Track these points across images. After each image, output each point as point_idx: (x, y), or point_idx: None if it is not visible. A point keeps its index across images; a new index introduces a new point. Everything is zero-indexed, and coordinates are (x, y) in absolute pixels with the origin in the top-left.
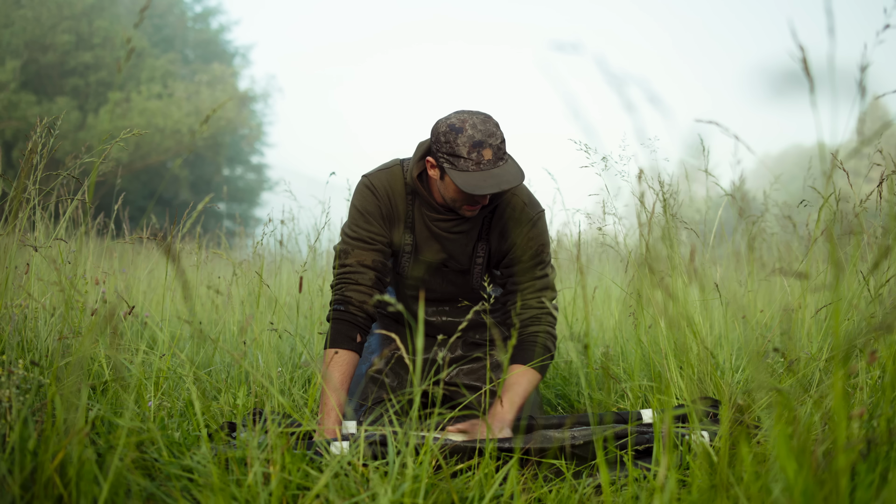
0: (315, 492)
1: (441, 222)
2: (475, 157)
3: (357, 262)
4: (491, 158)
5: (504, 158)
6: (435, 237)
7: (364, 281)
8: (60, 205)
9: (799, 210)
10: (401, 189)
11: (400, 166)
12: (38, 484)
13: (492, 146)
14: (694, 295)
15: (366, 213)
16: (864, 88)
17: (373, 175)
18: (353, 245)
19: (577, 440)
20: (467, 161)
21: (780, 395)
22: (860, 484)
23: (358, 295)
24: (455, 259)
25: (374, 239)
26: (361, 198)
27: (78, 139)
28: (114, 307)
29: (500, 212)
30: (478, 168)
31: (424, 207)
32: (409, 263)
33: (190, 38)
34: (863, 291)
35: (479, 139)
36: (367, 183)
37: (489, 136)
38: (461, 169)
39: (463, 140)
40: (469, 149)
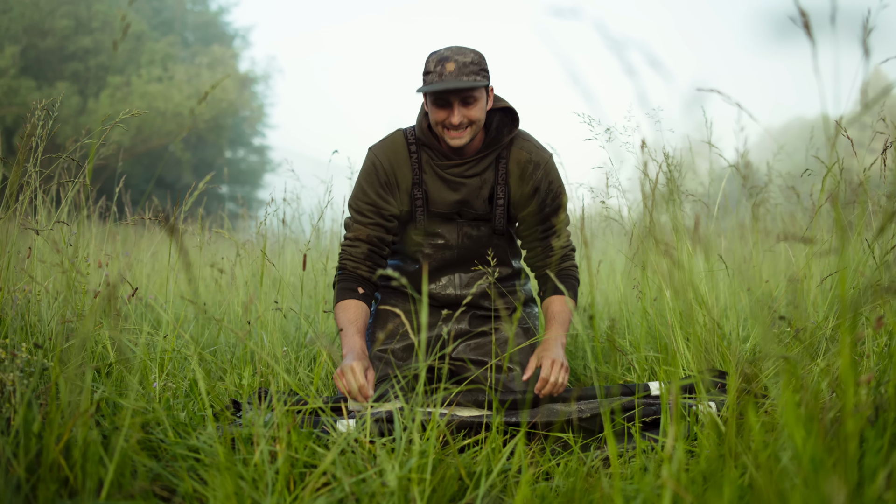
0: (322, 469)
1: (453, 167)
2: (439, 69)
3: (354, 236)
4: (453, 71)
5: (470, 76)
6: (447, 184)
7: (357, 255)
8: (62, 189)
9: (803, 180)
10: (403, 150)
11: (402, 131)
12: (43, 466)
13: (456, 62)
14: (699, 265)
15: (367, 188)
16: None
17: (375, 147)
18: (353, 218)
19: (585, 413)
20: (432, 74)
21: (788, 362)
22: (869, 450)
23: (351, 263)
24: (471, 205)
25: (372, 213)
26: (365, 172)
27: (79, 124)
28: (114, 287)
29: (514, 155)
30: (440, 79)
31: (434, 157)
32: (423, 217)
33: (189, 21)
34: (868, 259)
35: (445, 55)
36: (370, 156)
37: (457, 54)
38: (427, 83)
39: (433, 58)
40: (435, 63)
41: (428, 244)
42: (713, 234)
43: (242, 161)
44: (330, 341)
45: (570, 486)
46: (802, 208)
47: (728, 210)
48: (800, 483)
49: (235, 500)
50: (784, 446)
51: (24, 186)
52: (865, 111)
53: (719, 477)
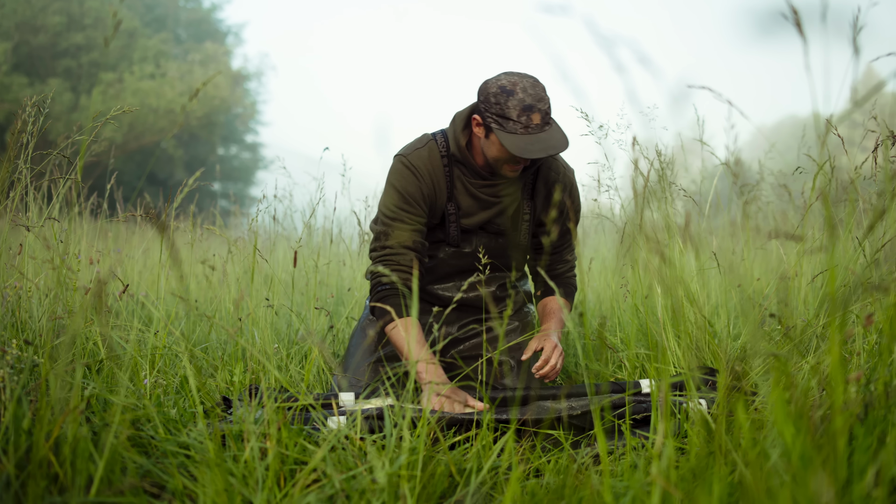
0: (312, 466)
1: (486, 188)
2: (524, 120)
3: (398, 243)
4: (539, 123)
5: (550, 123)
6: (478, 202)
7: (405, 262)
8: (53, 185)
9: (795, 178)
10: (439, 163)
11: (434, 141)
12: (32, 463)
13: (540, 111)
14: (690, 263)
15: (405, 194)
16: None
17: (411, 155)
18: (392, 226)
19: (575, 410)
20: (516, 124)
21: (777, 360)
22: (858, 447)
23: (402, 275)
24: (496, 221)
25: (412, 219)
26: (402, 178)
27: (71, 120)
28: (104, 283)
29: (543, 174)
30: (526, 131)
31: (468, 175)
32: (457, 233)
33: (182, 18)
34: (859, 257)
35: (529, 103)
36: (407, 163)
37: (538, 100)
38: (509, 131)
39: (513, 103)
40: (519, 112)
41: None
42: (704, 232)
43: (235, 158)
44: (321, 339)
45: (560, 483)
46: (794, 206)
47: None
48: (789, 480)
49: (225, 497)
50: (773, 443)
51: (15, 183)
52: (855, 109)
53: (709, 474)
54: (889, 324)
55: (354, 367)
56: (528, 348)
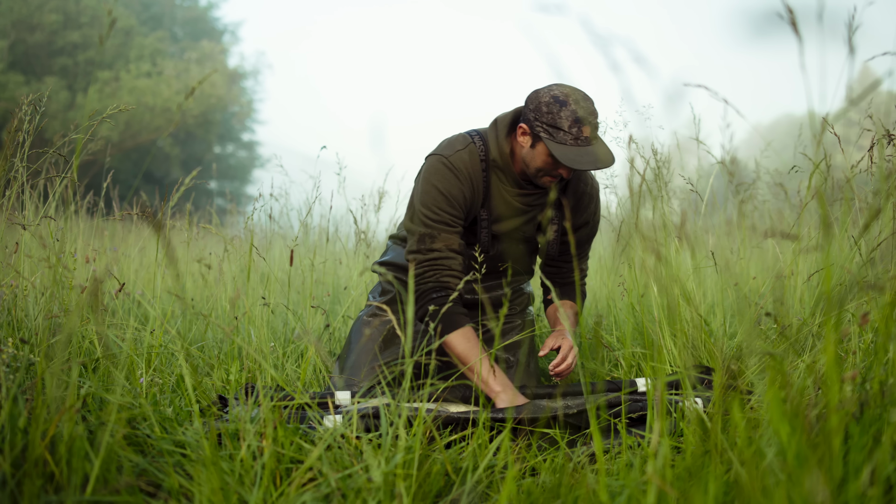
0: (308, 465)
1: (522, 197)
2: (575, 132)
3: (445, 246)
4: (589, 136)
5: (598, 137)
6: (513, 210)
7: (456, 266)
8: (49, 184)
9: (790, 178)
10: (478, 167)
11: (473, 143)
12: (28, 461)
13: (591, 124)
14: (686, 262)
15: (449, 196)
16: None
17: (454, 157)
18: (437, 228)
19: (571, 409)
20: (567, 134)
21: (773, 359)
22: (853, 447)
23: (454, 280)
24: (522, 229)
25: (455, 221)
26: (444, 180)
27: (67, 119)
28: (100, 282)
29: (573, 184)
30: (576, 143)
31: (506, 182)
32: (488, 239)
33: (178, 16)
34: (854, 256)
35: (582, 115)
36: (448, 165)
37: (590, 114)
38: (559, 141)
39: (566, 114)
40: (571, 123)
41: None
42: (701, 231)
43: (231, 156)
44: (317, 337)
45: (556, 482)
46: (790, 205)
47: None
48: (784, 479)
49: (221, 496)
50: (769, 442)
51: (11, 181)
52: (851, 107)
53: (704, 473)
54: (884, 323)
55: (351, 367)
56: (545, 346)
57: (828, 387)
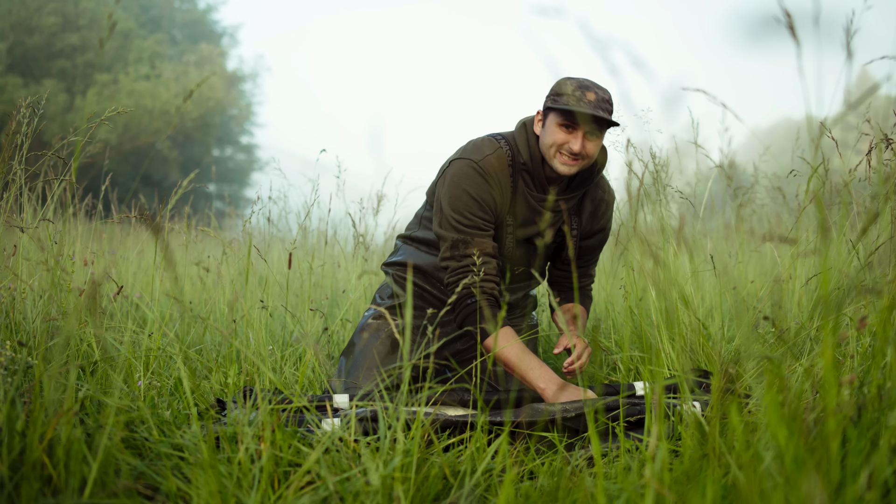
0: (306, 468)
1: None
2: (578, 94)
3: (480, 251)
4: (593, 101)
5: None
6: (536, 215)
7: (491, 270)
8: (47, 186)
9: (789, 181)
10: (506, 171)
11: (501, 148)
12: (26, 464)
13: (597, 94)
14: (685, 266)
15: (481, 201)
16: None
17: (484, 161)
18: (470, 233)
19: (569, 412)
20: (570, 97)
21: (771, 363)
22: (851, 450)
23: (490, 284)
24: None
25: (487, 226)
26: (477, 185)
27: (66, 121)
28: (98, 284)
29: (591, 191)
30: (578, 103)
31: (531, 187)
32: (513, 243)
33: (177, 19)
34: (852, 260)
35: (586, 84)
36: (479, 169)
37: (598, 88)
38: (562, 104)
39: (571, 82)
40: (574, 88)
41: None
42: (699, 235)
43: (230, 159)
44: (315, 340)
45: (554, 486)
46: (788, 209)
47: (714, 210)
48: (782, 482)
49: (219, 499)
50: (767, 446)
51: (10, 184)
52: (849, 111)
53: (702, 476)
54: (882, 327)
55: (351, 370)
56: (559, 344)
57: (825, 390)
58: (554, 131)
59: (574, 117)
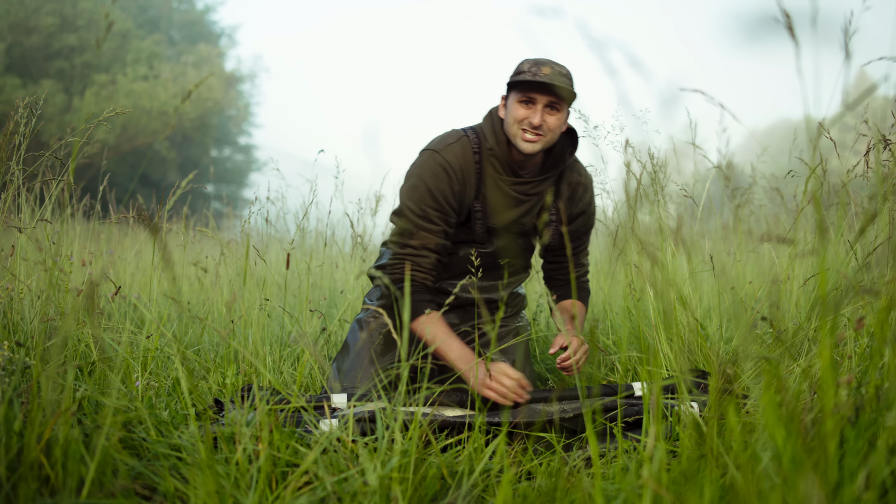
0: (304, 468)
1: (518, 185)
2: (533, 70)
3: (421, 244)
4: (549, 74)
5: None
6: (509, 200)
7: (426, 265)
8: (45, 187)
9: (787, 182)
10: (471, 159)
11: (466, 137)
12: (23, 465)
13: (552, 68)
14: (682, 266)
15: (436, 192)
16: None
17: (445, 151)
18: (418, 225)
19: (567, 413)
20: (525, 74)
21: (769, 363)
22: (849, 450)
23: (420, 274)
24: (521, 221)
25: (440, 219)
26: (434, 176)
27: (64, 122)
28: (94, 284)
29: (566, 176)
30: (533, 77)
31: (502, 172)
32: (483, 231)
33: (175, 19)
34: (850, 260)
35: (542, 61)
36: (440, 160)
37: (554, 63)
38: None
39: (527, 61)
40: (530, 65)
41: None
42: (697, 235)
43: (228, 160)
44: (313, 340)
45: (552, 486)
46: (786, 210)
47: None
48: (779, 483)
49: (217, 499)
50: (764, 446)
51: (8, 184)
52: (846, 112)
53: (700, 477)
54: (880, 327)
55: (348, 371)
56: (554, 343)
57: (823, 391)
58: (514, 108)
59: (531, 90)
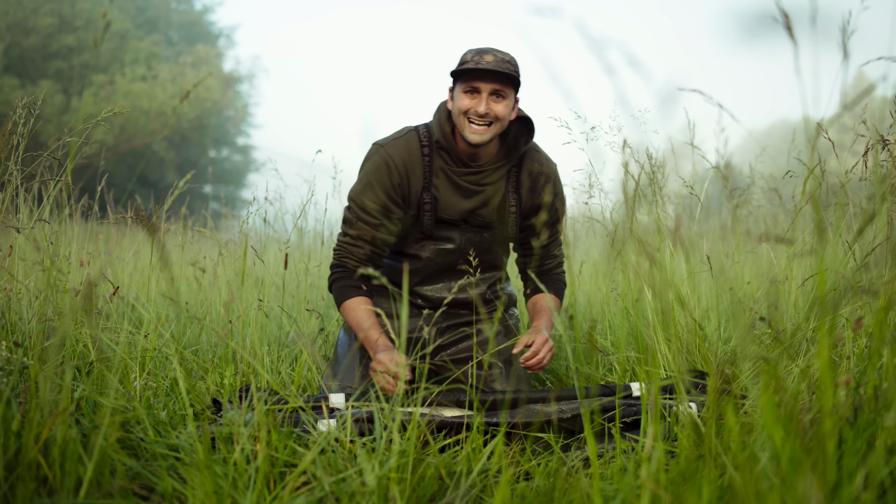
0: (302, 468)
1: (469, 175)
2: (476, 59)
3: (358, 234)
4: (491, 62)
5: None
6: (461, 191)
7: (360, 255)
8: (43, 187)
9: (785, 183)
10: (417, 152)
11: (415, 132)
12: (21, 464)
13: (495, 56)
14: (681, 266)
15: (377, 186)
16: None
17: (389, 145)
18: (358, 216)
19: (566, 413)
20: (469, 63)
21: (767, 363)
22: (847, 451)
23: (352, 262)
24: (480, 213)
25: (379, 213)
26: (375, 170)
27: (62, 122)
28: (92, 285)
29: (526, 165)
30: (476, 65)
31: (451, 163)
32: (431, 223)
33: (174, 20)
34: (848, 261)
35: (485, 49)
36: (383, 155)
37: (498, 51)
38: (463, 68)
39: (471, 51)
40: (473, 54)
41: (431, 247)
42: (695, 236)
43: (226, 161)
44: (311, 341)
45: (550, 486)
46: (784, 210)
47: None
48: (778, 483)
49: (215, 499)
50: (763, 447)
51: (6, 184)
52: (844, 112)
53: (698, 477)
54: (878, 327)
55: (344, 371)
56: (519, 342)
57: (822, 391)
58: (459, 99)
59: (474, 79)
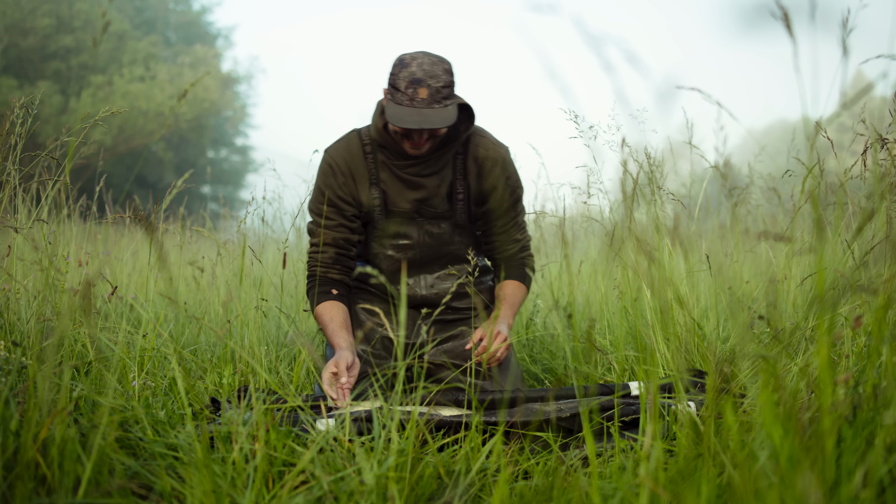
0: (300, 467)
1: (410, 167)
2: (410, 93)
3: (322, 241)
4: (426, 98)
5: (441, 102)
6: (406, 184)
7: (326, 260)
8: (42, 187)
9: (784, 182)
10: (358, 151)
11: (356, 132)
12: (20, 464)
13: (430, 87)
14: (680, 265)
15: (326, 189)
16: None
17: (331, 148)
18: (317, 222)
19: (564, 412)
20: (403, 95)
21: (766, 362)
22: (846, 449)
23: (321, 269)
24: (430, 203)
25: (334, 214)
26: (322, 175)
27: (60, 123)
28: (91, 285)
29: (472, 151)
30: (410, 104)
31: (391, 157)
32: (382, 218)
33: (172, 20)
34: (847, 259)
35: (419, 77)
36: (326, 159)
37: (430, 77)
38: (396, 102)
39: (404, 75)
40: (407, 84)
41: (390, 245)
42: (694, 235)
43: (225, 161)
44: (310, 340)
45: (549, 485)
46: (783, 209)
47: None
48: (777, 481)
49: (213, 498)
50: (762, 445)
51: (4, 184)
52: (843, 111)
53: (697, 475)
54: (877, 326)
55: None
56: (473, 337)
57: (821, 390)
58: (395, 130)
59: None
